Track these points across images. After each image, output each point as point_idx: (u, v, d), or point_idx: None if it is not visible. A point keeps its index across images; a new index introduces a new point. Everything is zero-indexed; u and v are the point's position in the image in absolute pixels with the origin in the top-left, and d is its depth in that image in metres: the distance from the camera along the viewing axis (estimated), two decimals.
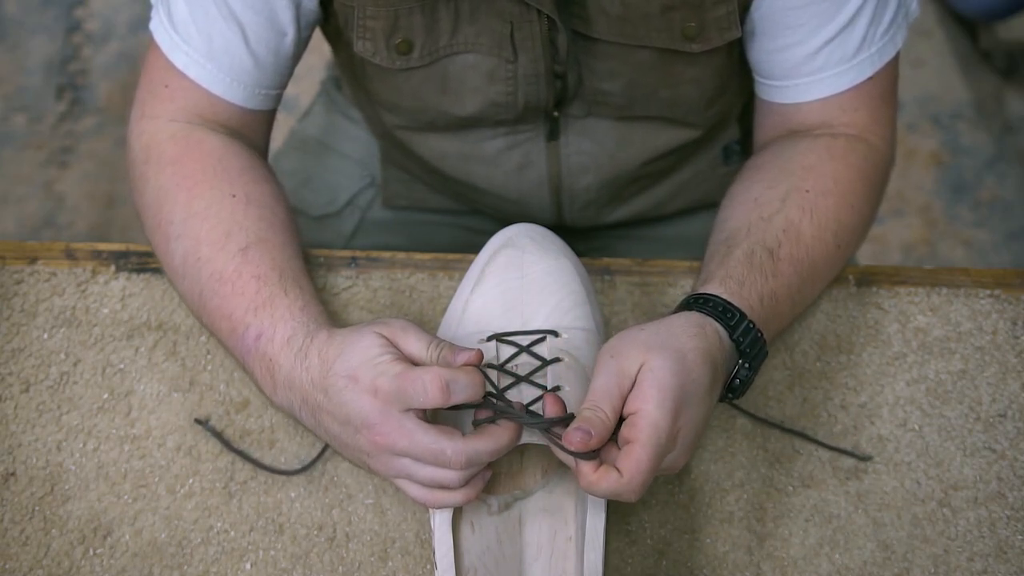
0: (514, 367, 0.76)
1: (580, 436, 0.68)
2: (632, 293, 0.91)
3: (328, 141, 1.19)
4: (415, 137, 1.01)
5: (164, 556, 0.80)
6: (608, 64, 0.90)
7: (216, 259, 0.81)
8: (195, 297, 0.83)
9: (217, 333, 0.82)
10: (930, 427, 0.86)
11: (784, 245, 0.83)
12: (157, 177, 0.86)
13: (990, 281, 0.92)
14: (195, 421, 0.84)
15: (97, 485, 0.82)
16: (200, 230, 0.83)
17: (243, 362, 0.80)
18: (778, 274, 0.81)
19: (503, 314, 0.79)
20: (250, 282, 0.80)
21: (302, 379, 0.75)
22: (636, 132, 0.99)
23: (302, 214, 1.15)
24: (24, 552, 0.80)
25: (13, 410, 0.85)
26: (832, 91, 0.89)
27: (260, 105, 0.91)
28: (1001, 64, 2.07)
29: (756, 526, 0.82)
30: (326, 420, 0.75)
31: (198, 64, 0.87)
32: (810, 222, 0.84)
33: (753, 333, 0.77)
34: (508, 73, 0.91)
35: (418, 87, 0.93)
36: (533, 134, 0.99)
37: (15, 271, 0.91)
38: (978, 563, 0.80)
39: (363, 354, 0.73)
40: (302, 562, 0.80)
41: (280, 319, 0.78)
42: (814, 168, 0.87)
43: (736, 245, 0.83)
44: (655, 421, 0.69)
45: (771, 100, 0.93)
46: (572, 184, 1.03)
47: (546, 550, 0.77)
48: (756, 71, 0.93)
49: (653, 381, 0.70)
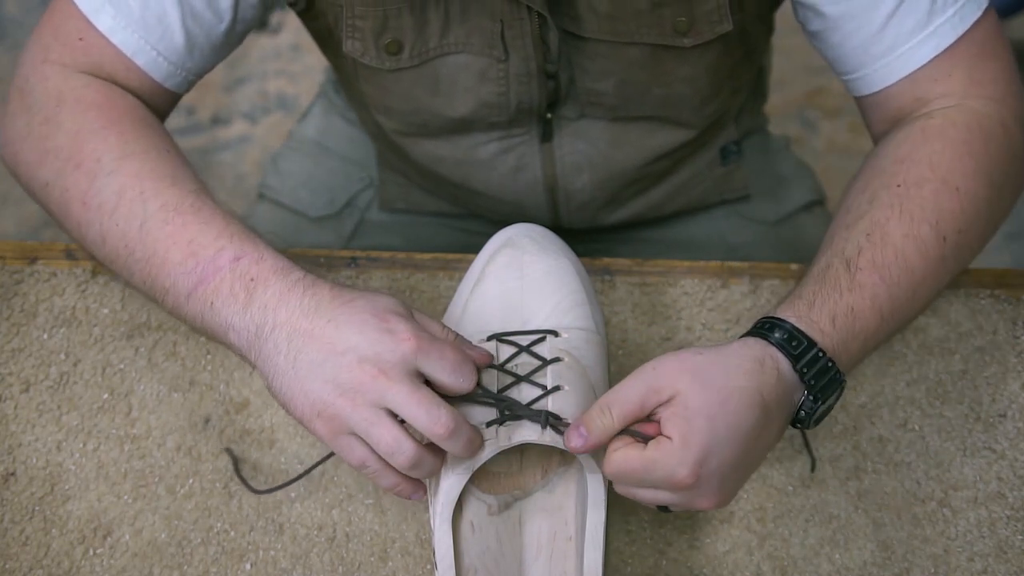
0: (514, 367, 0.76)
1: (575, 440, 0.69)
2: (632, 293, 0.91)
3: (327, 143, 1.19)
4: (409, 141, 1.01)
5: (164, 556, 0.80)
6: (599, 63, 0.90)
7: (167, 193, 0.78)
8: (131, 230, 0.77)
9: (155, 266, 0.76)
10: (930, 427, 0.86)
11: (866, 251, 0.76)
12: (77, 118, 0.82)
13: (990, 281, 0.92)
14: (226, 450, 0.83)
15: (97, 485, 0.82)
16: (141, 168, 0.79)
17: (195, 287, 0.74)
18: (855, 286, 0.74)
19: (503, 314, 0.79)
20: (215, 215, 0.77)
21: (300, 302, 0.71)
22: (630, 133, 0.98)
23: (301, 215, 1.15)
24: (24, 552, 0.80)
25: (13, 410, 0.85)
26: (914, 66, 0.82)
27: (176, 86, 0.88)
28: None
29: (756, 526, 0.82)
30: (310, 346, 0.70)
31: (125, 30, 0.83)
32: (899, 219, 0.77)
33: (822, 363, 0.72)
34: (499, 73, 0.91)
35: (409, 88, 0.93)
36: (527, 137, 0.99)
37: (15, 271, 0.91)
38: (978, 563, 0.80)
39: (392, 304, 0.72)
40: (302, 562, 0.80)
41: (266, 248, 0.75)
42: (907, 158, 0.80)
43: (816, 261, 0.78)
44: (666, 465, 0.68)
45: (859, 94, 0.87)
46: (568, 185, 1.03)
47: (546, 550, 0.77)
48: (836, 70, 0.88)
49: (683, 418, 0.68)
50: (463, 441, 0.69)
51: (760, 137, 1.17)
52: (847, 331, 0.74)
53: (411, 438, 0.69)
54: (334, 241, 1.14)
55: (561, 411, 0.73)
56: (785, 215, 1.15)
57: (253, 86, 2.13)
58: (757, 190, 1.13)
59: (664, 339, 0.89)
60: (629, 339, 0.89)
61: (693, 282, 0.92)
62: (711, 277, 0.92)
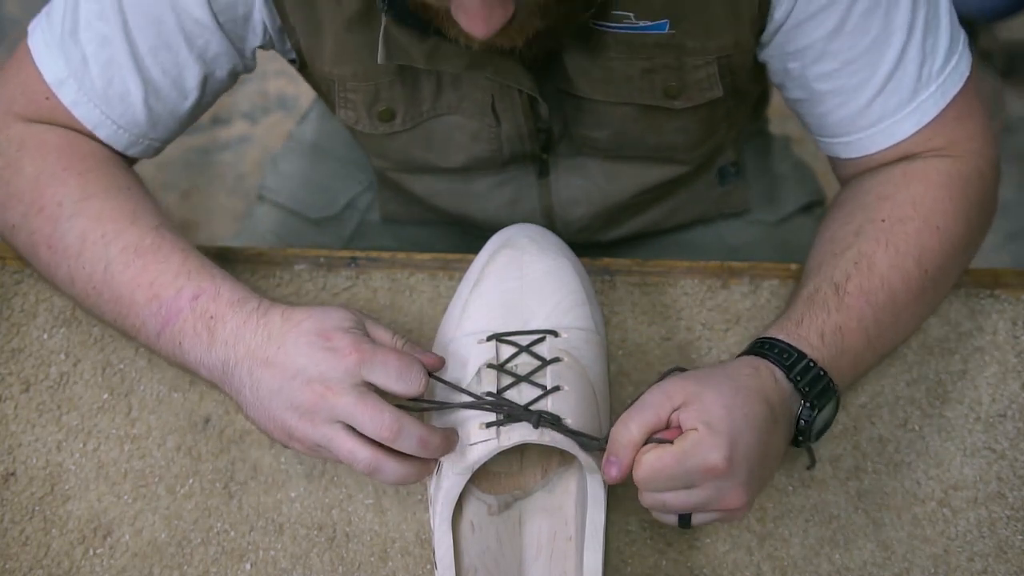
0: (514, 367, 0.76)
1: (611, 471, 0.71)
2: (632, 293, 0.91)
3: (326, 145, 1.19)
4: (407, 177, 1.02)
5: (164, 556, 0.80)
6: (593, 117, 0.91)
7: (127, 233, 0.80)
8: (96, 273, 0.80)
9: (123, 307, 0.79)
10: (930, 427, 0.86)
11: (853, 277, 0.80)
12: (38, 162, 0.83)
13: (990, 281, 0.92)
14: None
15: (97, 485, 0.82)
16: (102, 210, 0.81)
17: (161, 329, 0.78)
18: (843, 307, 0.78)
19: (503, 314, 0.79)
20: (174, 252, 0.79)
21: (254, 334, 0.75)
22: (626, 169, 0.99)
23: (301, 216, 1.15)
24: (24, 552, 0.80)
25: (13, 410, 0.85)
26: (898, 138, 0.85)
27: (140, 153, 0.89)
28: (1001, 64, 2.07)
29: (756, 526, 0.82)
30: (267, 374, 0.73)
31: (87, 104, 0.84)
32: (885, 251, 0.81)
33: (814, 372, 0.75)
34: (492, 134, 0.92)
35: (404, 146, 0.94)
36: (522, 172, 0.99)
37: (15, 271, 0.91)
38: (978, 563, 0.80)
39: (337, 320, 0.74)
40: (302, 562, 0.80)
41: (223, 283, 0.78)
42: (891, 197, 0.84)
43: (804, 285, 0.81)
44: (702, 439, 0.69)
45: (837, 156, 0.89)
46: (565, 215, 1.03)
47: (546, 550, 0.77)
48: (813, 132, 0.90)
49: (703, 410, 0.70)
50: (413, 441, 0.71)
51: (761, 138, 1.17)
52: (836, 347, 0.77)
53: (368, 446, 0.72)
54: (334, 243, 1.14)
55: (561, 411, 0.73)
56: (785, 216, 1.15)
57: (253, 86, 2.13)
58: (757, 191, 1.13)
59: (664, 339, 0.89)
60: (629, 339, 0.89)
61: (693, 282, 0.91)
62: (711, 277, 0.92)
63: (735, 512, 0.72)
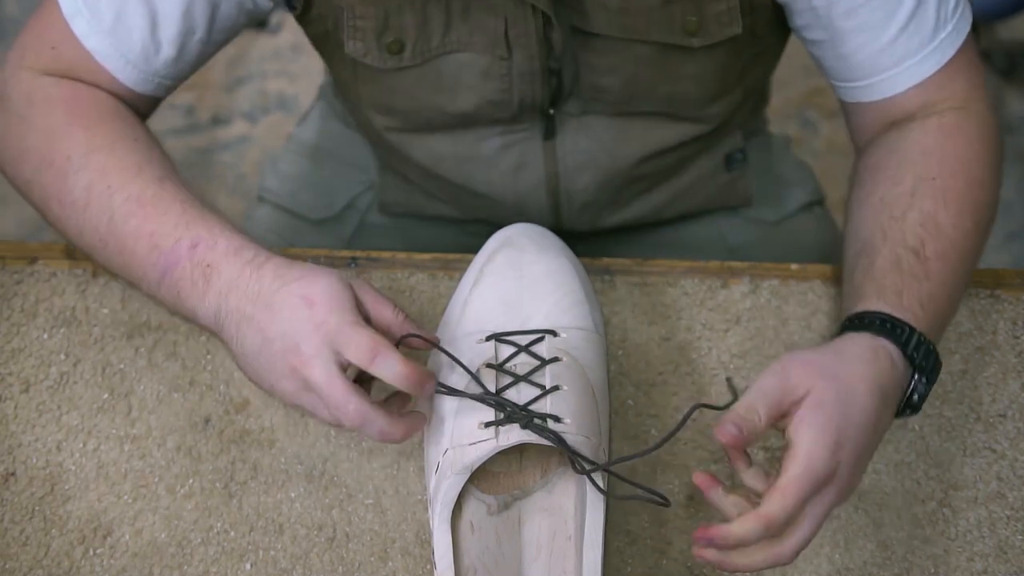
0: (513, 367, 0.76)
1: (731, 430, 0.68)
2: (632, 293, 0.91)
3: (327, 145, 1.19)
4: (410, 140, 1.01)
5: (164, 556, 0.80)
6: (606, 59, 0.90)
7: (131, 185, 0.81)
8: (101, 225, 0.81)
9: (127, 257, 0.80)
10: (930, 427, 0.86)
11: (928, 242, 0.79)
12: (46, 117, 0.84)
13: (990, 281, 0.92)
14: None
15: (97, 485, 0.82)
16: (107, 162, 0.82)
17: (161, 277, 0.78)
18: (930, 274, 0.78)
19: (502, 314, 0.79)
20: (174, 203, 0.80)
21: (247, 287, 0.75)
22: (634, 127, 0.98)
23: (300, 218, 1.15)
24: (24, 552, 0.80)
25: (13, 410, 0.85)
26: (921, 77, 0.85)
27: (149, 91, 0.89)
28: (1001, 64, 2.08)
29: None
30: (251, 331, 0.74)
31: (97, 35, 0.85)
32: (945, 211, 0.80)
33: (925, 346, 0.75)
34: (503, 70, 0.91)
35: (412, 87, 0.93)
36: (529, 133, 0.99)
37: (15, 271, 0.91)
38: (978, 563, 0.80)
39: (327, 289, 0.74)
40: (302, 562, 0.80)
41: (221, 232, 0.78)
42: (934, 152, 0.84)
43: (877, 253, 0.80)
44: (811, 454, 0.68)
45: (859, 101, 0.89)
46: (570, 185, 1.03)
47: (545, 550, 0.77)
48: (834, 77, 0.90)
49: (817, 415, 0.69)
50: (374, 431, 0.73)
51: (761, 138, 1.17)
52: (933, 316, 0.77)
53: (347, 407, 0.72)
54: (334, 244, 1.14)
55: (560, 411, 0.73)
56: (785, 215, 1.15)
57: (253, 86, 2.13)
58: (757, 190, 1.13)
59: (664, 339, 0.89)
60: (629, 339, 0.89)
61: (693, 282, 0.92)
62: (711, 277, 0.92)
63: (839, 502, 0.72)
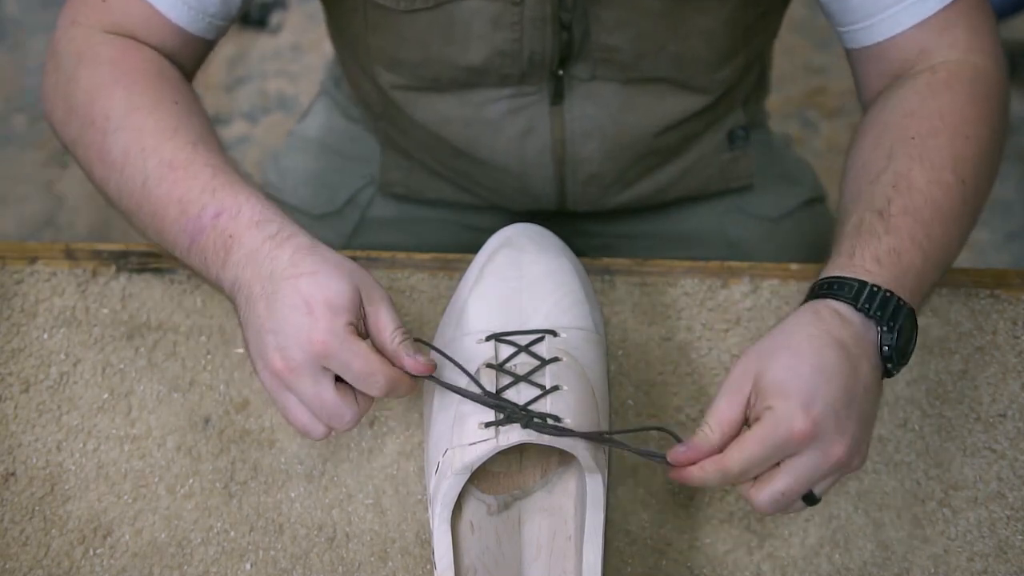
0: (513, 367, 0.76)
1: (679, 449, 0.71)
2: (632, 293, 0.91)
3: (328, 141, 1.19)
4: (416, 99, 1.01)
5: (164, 556, 0.80)
6: (616, 12, 0.90)
7: (164, 148, 0.80)
8: (136, 188, 0.80)
9: (159, 222, 0.80)
10: (930, 427, 0.86)
11: (895, 200, 0.78)
12: (92, 75, 0.84)
13: (990, 281, 0.92)
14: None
15: (97, 485, 0.82)
16: (145, 123, 0.81)
17: (190, 244, 0.78)
18: (892, 229, 0.77)
19: (502, 314, 0.79)
20: (204, 168, 0.79)
21: (262, 263, 0.74)
22: (642, 96, 0.98)
23: (302, 213, 1.15)
24: (24, 552, 0.80)
25: (13, 410, 0.85)
26: (921, 16, 0.85)
27: (201, 31, 0.89)
28: None
29: (756, 526, 0.82)
30: (252, 315, 0.73)
31: None
32: (921, 167, 0.80)
33: (880, 295, 0.73)
34: (514, 17, 0.91)
35: (422, 33, 0.93)
36: (537, 97, 0.98)
37: (15, 271, 0.91)
38: (978, 563, 0.80)
39: (332, 297, 0.72)
40: (302, 562, 0.80)
41: (245, 201, 0.77)
42: (916, 112, 0.83)
43: (847, 219, 0.80)
44: (775, 412, 0.68)
45: (861, 45, 0.88)
46: (575, 153, 1.02)
47: (545, 550, 0.77)
48: (837, 22, 0.89)
49: (773, 385, 0.69)
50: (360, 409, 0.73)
51: (762, 133, 1.17)
52: (895, 268, 0.76)
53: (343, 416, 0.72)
54: (335, 238, 1.15)
55: (560, 411, 0.73)
56: (786, 211, 1.15)
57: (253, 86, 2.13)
58: (758, 185, 1.13)
59: (664, 339, 0.89)
60: (629, 339, 0.89)
61: (693, 282, 0.92)
62: (711, 277, 0.92)
63: (846, 464, 0.71)
